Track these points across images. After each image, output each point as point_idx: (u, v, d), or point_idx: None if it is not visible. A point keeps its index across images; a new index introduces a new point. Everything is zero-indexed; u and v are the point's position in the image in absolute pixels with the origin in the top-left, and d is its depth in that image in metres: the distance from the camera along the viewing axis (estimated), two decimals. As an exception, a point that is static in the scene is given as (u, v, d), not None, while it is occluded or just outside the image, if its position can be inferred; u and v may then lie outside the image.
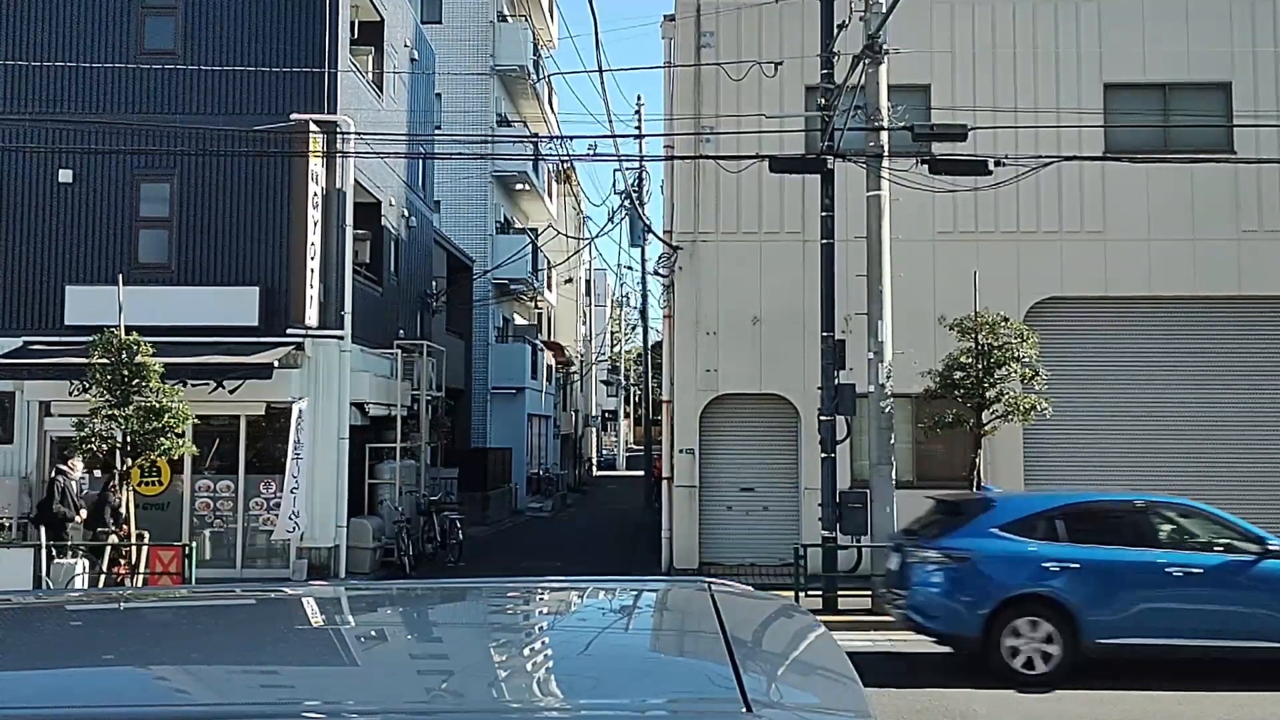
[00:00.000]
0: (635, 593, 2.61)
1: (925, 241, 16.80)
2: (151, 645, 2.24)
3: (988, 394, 13.95)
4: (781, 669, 1.79)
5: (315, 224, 16.42)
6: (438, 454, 22.91)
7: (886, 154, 14.01)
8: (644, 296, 38.36)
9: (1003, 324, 14.11)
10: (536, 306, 39.21)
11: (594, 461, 53.87)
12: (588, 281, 59.17)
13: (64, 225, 16.98)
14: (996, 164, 14.08)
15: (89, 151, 16.74)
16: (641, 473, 54.28)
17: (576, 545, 22.81)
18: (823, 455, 14.24)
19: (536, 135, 35.71)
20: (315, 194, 16.41)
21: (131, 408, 13.67)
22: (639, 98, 45.55)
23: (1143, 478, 16.95)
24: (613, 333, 66.92)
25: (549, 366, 39.12)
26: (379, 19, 19.81)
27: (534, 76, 34.40)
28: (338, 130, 16.90)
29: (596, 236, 64.62)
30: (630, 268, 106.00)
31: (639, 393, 77.94)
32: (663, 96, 19.70)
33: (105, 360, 13.76)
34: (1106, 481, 17.03)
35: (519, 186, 35.55)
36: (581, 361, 50.94)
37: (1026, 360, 13.93)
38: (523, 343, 34.39)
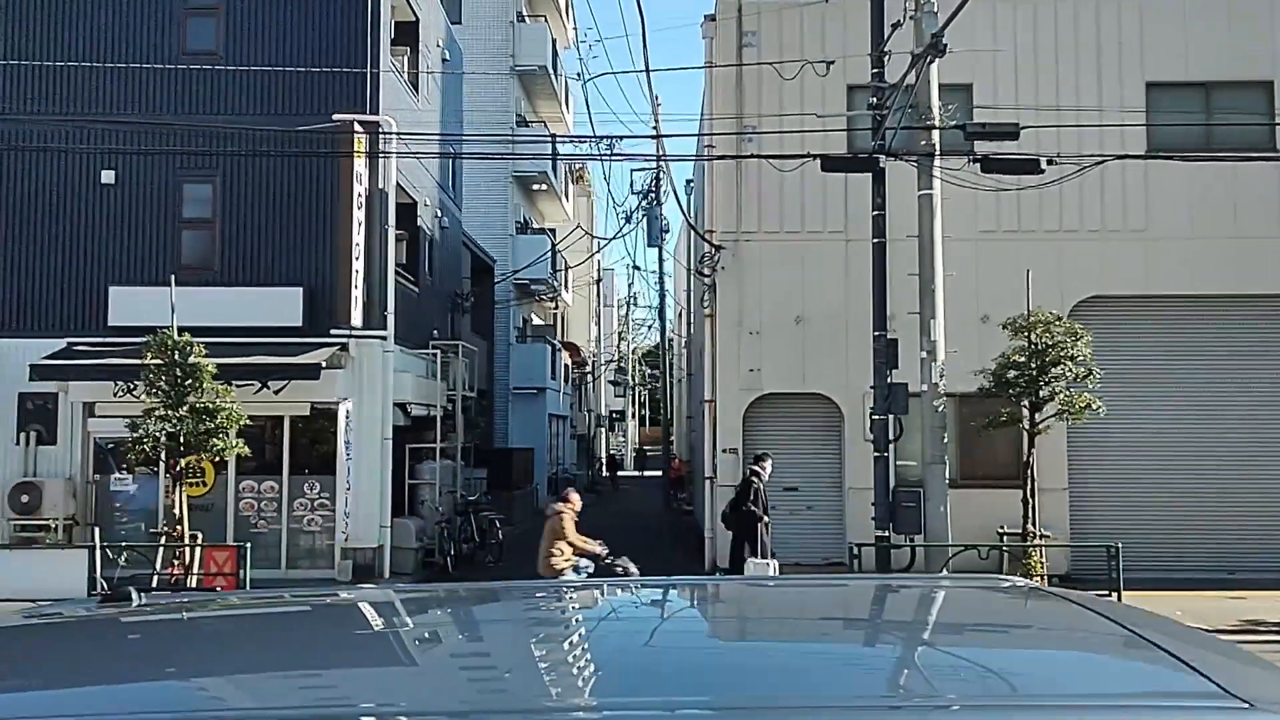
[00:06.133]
0: (952, 592, 2.61)
1: (968, 241, 16.78)
2: (279, 648, 2.21)
3: (1041, 393, 13.96)
4: (1218, 661, 1.78)
5: (359, 224, 16.43)
6: (470, 454, 22.90)
7: (938, 153, 14.02)
8: (661, 296, 38.44)
9: (1056, 322, 14.11)
10: (556, 307, 39.22)
11: (604, 461, 53.92)
12: (598, 281, 59.24)
13: (107, 226, 16.97)
14: (1049, 163, 14.10)
15: (131, 152, 16.72)
16: (652, 473, 54.55)
17: (611, 544, 22.73)
18: (875, 454, 14.26)
19: (570, 135, 35.80)
20: (359, 194, 16.41)
21: (185, 408, 13.67)
22: (656, 98, 45.45)
23: (1185, 476, 17.01)
24: (620, 333, 66.96)
25: (565, 366, 39.14)
26: (414, 19, 19.80)
27: (553, 76, 34.42)
28: (380, 130, 16.89)
29: (616, 236, 64.71)
30: (638, 267, 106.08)
31: (644, 393, 78.21)
32: (701, 96, 19.76)
33: (159, 361, 13.75)
34: (1149, 479, 17.08)
35: (536, 187, 35.57)
36: (593, 362, 50.98)
37: (1080, 359, 13.93)
38: (543, 343, 34.41)
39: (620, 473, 52.07)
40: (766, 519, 13.79)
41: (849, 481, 16.98)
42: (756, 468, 13.97)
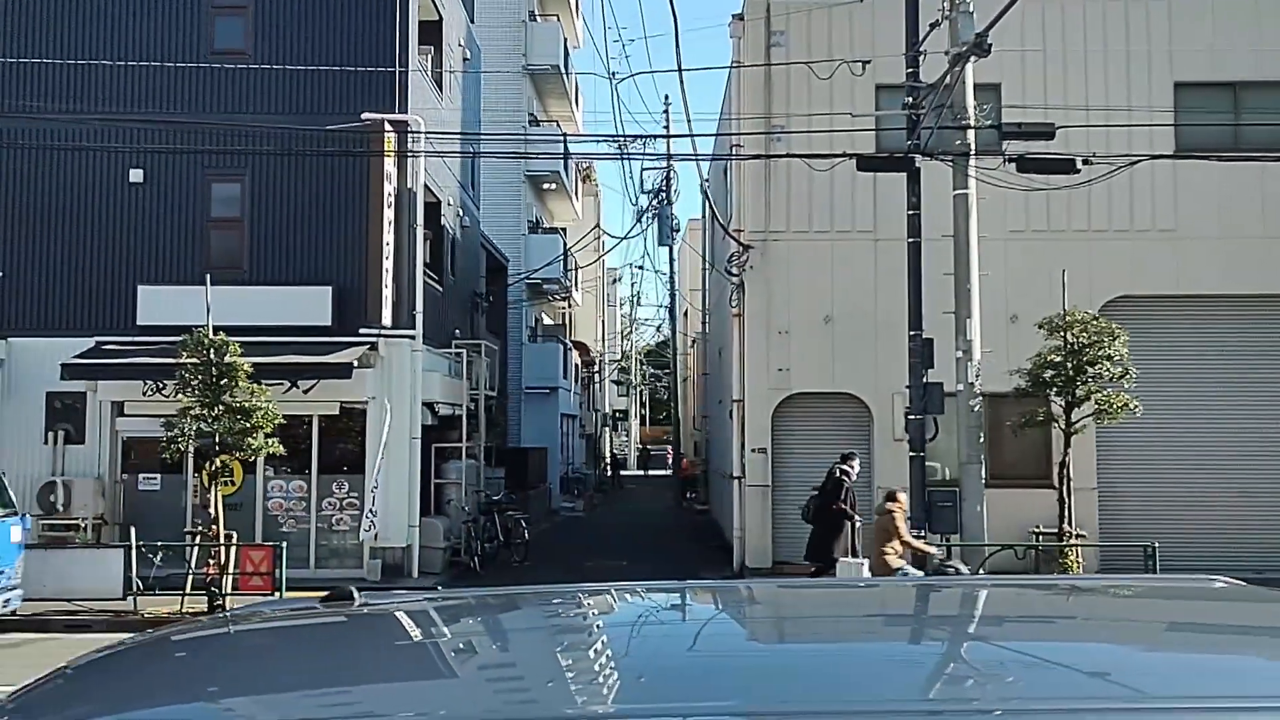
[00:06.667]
0: (1165, 592, 2.61)
1: (997, 240, 16.74)
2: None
3: (1078, 392, 13.96)
4: None
5: (389, 224, 16.41)
6: (491, 454, 22.88)
7: (973, 152, 14.02)
8: (672, 296, 38.37)
9: (1093, 322, 14.12)
10: (570, 306, 39.22)
11: (608, 461, 53.88)
12: (617, 280, 59.34)
13: (135, 225, 16.93)
14: (1084, 162, 14.10)
15: (160, 151, 16.67)
16: (655, 472, 54.57)
17: (629, 544, 22.78)
18: (910, 454, 14.25)
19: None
20: (389, 194, 16.39)
21: (221, 407, 13.65)
22: (665, 98, 45.53)
23: (1213, 475, 17.03)
24: (623, 332, 66.98)
25: (575, 366, 39.14)
26: (438, 18, 19.77)
27: (565, 76, 34.41)
28: (409, 130, 16.87)
29: (627, 236, 64.77)
30: (641, 266, 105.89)
31: (646, 392, 78.23)
32: (722, 95, 19.77)
33: (195, 360, 13.72)
34: (1177, 479, 17.10)
35: (547, 186, 35.56)
36: (600, 361, 50.97)
37: (1118, 358, 13.94)
38: (555, 342, 34.40)
39: (623, 472, 52.11)
40: (858, 518, 13.76)
41: (878, 481, 16.95)
42: (845, 466, 13.89)
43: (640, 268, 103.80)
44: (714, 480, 26.67)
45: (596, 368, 47.08)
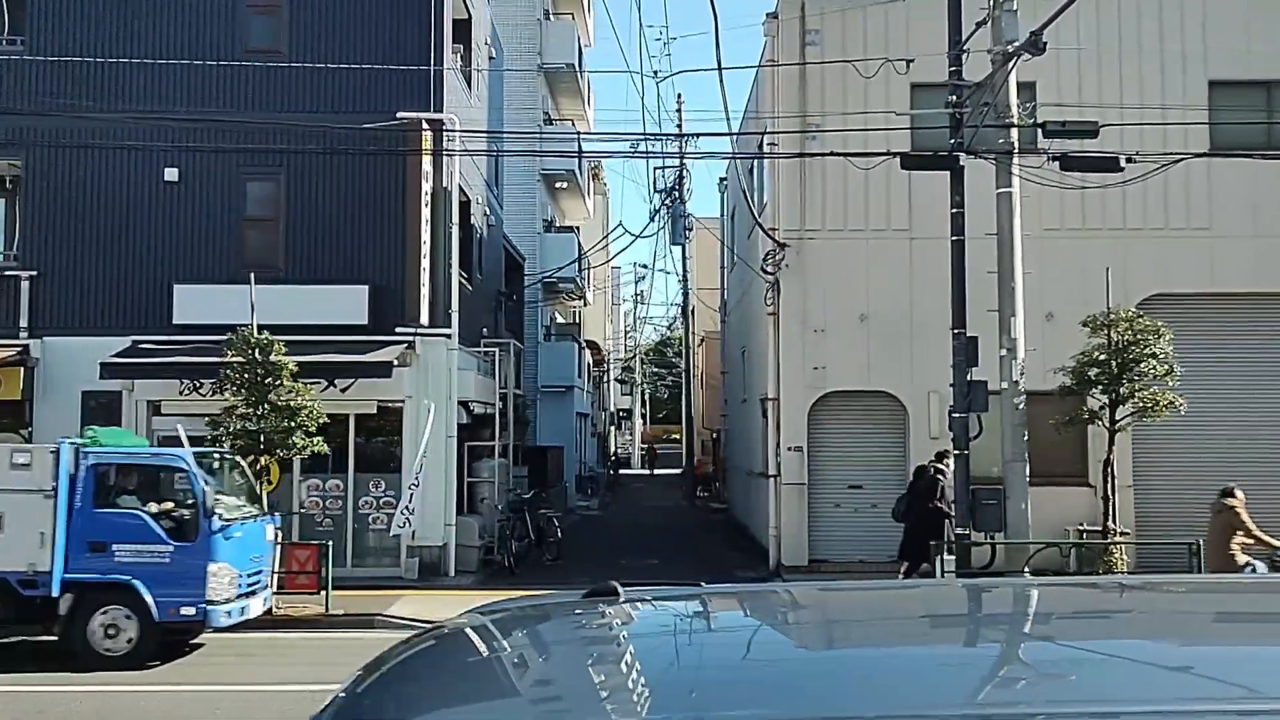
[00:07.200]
0: None
1: (1032, 239, 16.73)
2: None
3: (1122, 390, 13.99)
4: None
5: (425, 222, 16.40)
6: (517, 453, 22.88)
7: (1016, 151, 14.04)
8: (685, 295, 38.42)
9: (1137, 320, 14.15)
10: (585, 304, 39.21)
11: (615, 459, 53.72)
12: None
13: (171, 224, 16.91)
14: (1128, 161, 14.12)
15: (195, 149, 16.65)
16: (662, 471, 54.50)
17: (655, 542, 22.77)
18: (955, 452, 14.24)
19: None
20: (426, 192, 16.38)
21: (267, 406, 13.64)
22: (679, 96, 45.60)
23: (1248, 473, 17.01)
24: (627, 330, 67.00)
25: (588, 365, 39.14)
26: (467, 16, 19.75)
27: (579, 74, 34.38)
28: (444, 128, 16.86)
29: (640, 235, 64.80)
30: (646, 265, 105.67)
31: (647, 391, 78.10)
32: (749, 93, 19.77)
33: (241, 359, 13.71)
34: (1211, 476, 17.10)
35: (560, 185, 35.52)
36: (608, 360, 50.97)
37: (1163, 356, 13.97)
38: (570, 341, 34.40)
39: (624, 471, 52.01)
40: (954, 516, 13.76)
41: (913, 480, 16.98)
42: (940, 465, 13.91)
43: (645, 266, 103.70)
44: (735, 478, 26.68)
45: (605, 367, 47.04)
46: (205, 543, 11.17)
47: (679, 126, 36.32)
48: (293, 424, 13.74)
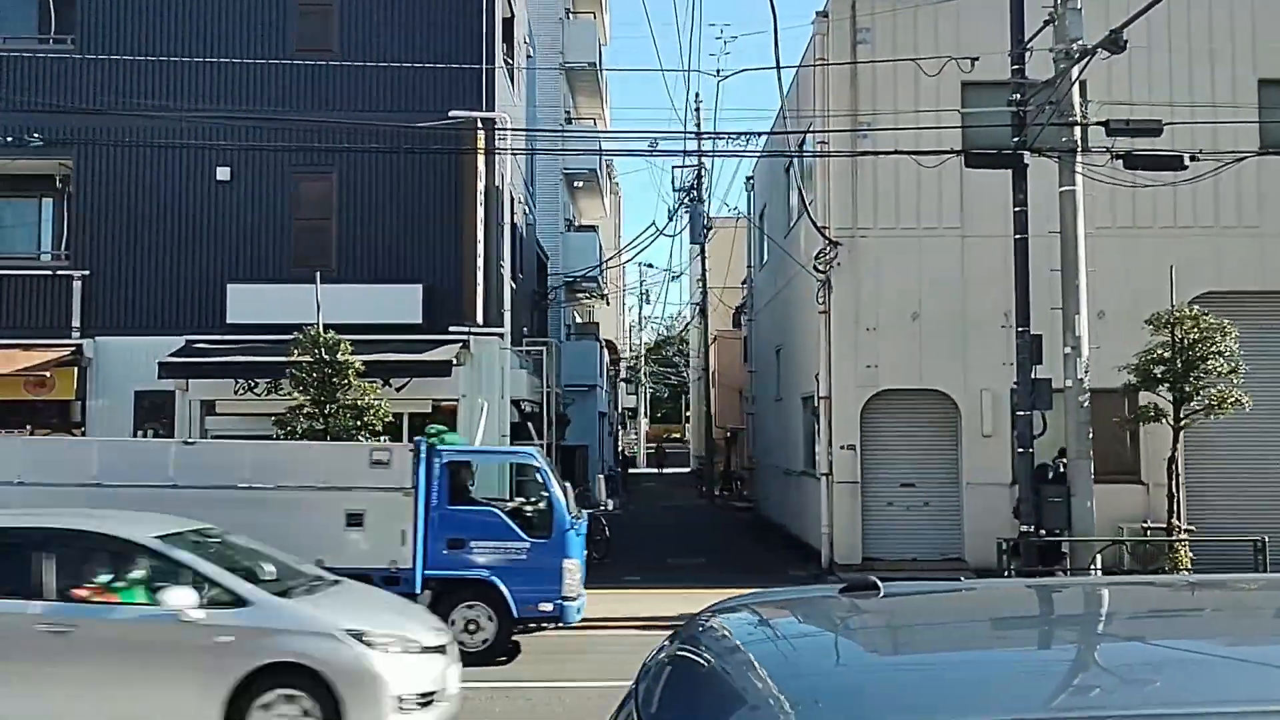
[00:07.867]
0: None
1: (1086, 236, 16.84)
2: None
3: (1187, 388, 14.03)
4: None
5: (480, 221, 16.38)
6: (556, 451, 22.88)
7: (1080, 149, 14.07)
8: (704, 293, 38.38)
9: (1202, 317, 14.19)
10: (608, 304, 39.20)
11: (625, 458, 53.63)
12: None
13: (223, 223, 16.87)
14: (1191, 159, 14.16)
15: (247, 148, 16.60)
16: (669, 470, 54.54)
17: (693, 541, 22.75)
18: (1019, 450, 14.26)
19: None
20: (480, 191, 16.36)
21: (334, 405, 13.61)
22: (697, 96, 45.60)
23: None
24: (631, 329, 67.00)
25: (606, 364, 39.14)
26: (510, 15, 19.73)
27: (599, 73, 34.37)
28: (496, 127, 16.84)
29: (661, 233, 64.54)
30: (651, 265, 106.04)
31: (652, 389, 78.18)
32: (787, 91, 19.74)
33: (309, 358, 13.68)
34: (1264, 473, 17.19)
35: (579, 184, 35.50)
36: (620, 359, 50.96)
37: (1229, 354, 14.01)
38: (591, 340, 34.39)
39: (632, 470, 51.96)
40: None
41: (966, 477, 17.04)
42: (1065, 460, 13.96)
43: (650, 265, 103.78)
44: (767, 476, 26.67)
45: (618, 366, 47.05)
46: (560, 539, 11.32)
47: (698, 126, 36.36)
48: (359, 423, 13.71)
